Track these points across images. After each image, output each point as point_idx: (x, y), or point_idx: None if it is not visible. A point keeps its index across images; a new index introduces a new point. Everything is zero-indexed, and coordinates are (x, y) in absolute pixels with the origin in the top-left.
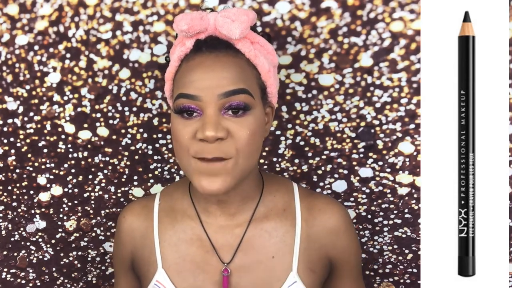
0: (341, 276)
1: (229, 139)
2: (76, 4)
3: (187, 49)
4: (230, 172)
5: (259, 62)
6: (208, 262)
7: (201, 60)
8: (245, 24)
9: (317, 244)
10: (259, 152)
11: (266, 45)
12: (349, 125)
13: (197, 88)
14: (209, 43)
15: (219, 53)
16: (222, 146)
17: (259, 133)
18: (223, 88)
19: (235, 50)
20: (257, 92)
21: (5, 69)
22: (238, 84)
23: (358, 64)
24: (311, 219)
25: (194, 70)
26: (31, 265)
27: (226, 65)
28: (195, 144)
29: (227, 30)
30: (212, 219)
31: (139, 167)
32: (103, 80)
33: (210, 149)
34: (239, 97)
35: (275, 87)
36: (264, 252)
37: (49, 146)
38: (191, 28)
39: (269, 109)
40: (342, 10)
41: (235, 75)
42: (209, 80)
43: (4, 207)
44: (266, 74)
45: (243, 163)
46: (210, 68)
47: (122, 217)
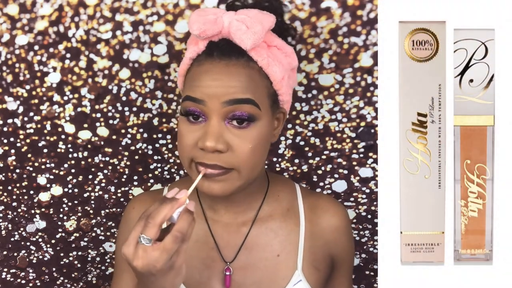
0: (339, 275)
1: (229, 153)
2: (76, 4)
3: (199, 50)
4: (231, 180)
5: (271, 71)
6: (213, 259)
7: (211, 67)
8: (258, 34)
9: (321, 242)
10: (264, 159)
11: (285, 48)
12: (349, 125)
13: (203, 93)
14: (221, 47)
15: (229, 62)
16: (221, 157)
17: (263, 144)
18: (229, 96)
19: (248, 58)
20: (265, 103)
21: (5, 69)
22: (244, 93)
23: (358, 64)
24: (315, 218)
25: (203, 76)
26: (31, 265)
27: (235, 74)
28: (196, 151)
29: (239, 39)
30: (217, 216)
31: (139, 167)
32: (103, 80)
33: (210, 157)
34: (244, 107)
35: (288, 94)
36: (269, 250)
37: (49, 146)
38: (203, 33)
39: (281, 114)
40: (342, 10)
41: (242, 84)
42: (216, 88)
43: (4, 207)
44: (278, 82)
45: (246, 174)
46: (218, 76)
47: (131, 208)
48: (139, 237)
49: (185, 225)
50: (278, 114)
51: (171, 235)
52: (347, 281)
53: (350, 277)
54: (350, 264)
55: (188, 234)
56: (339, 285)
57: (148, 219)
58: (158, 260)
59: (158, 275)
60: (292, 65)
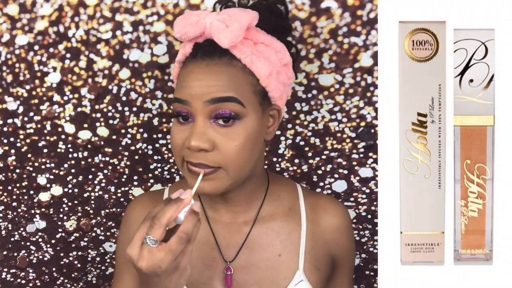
0: (339, 274)
1: (214, 151)
2: (76, 4)
3: (186, 53)
4: (220, 179)
5: (255, 68)
6: (214, 259)
7: (193, 68)
8: (235, 32)
9: (322, 242)
10: (255, 158)
11: (273, 44)
12: (349, 125)
13: (187, 94)
14: (205, 49)
15: (210, 61)
16: (207, 156)
17: (252, 141)
18: (210, 95)
19: (230, 57)
20: (251, 100)
21: (5, 69)
22: (226, 92)
23: (358, 64)
24: (316, 217)
25: (187, 77)
26: (31, 265)
27: (216, 74)
28: (185, 150)
29: (217, 38)
30: (218, 216)
31: (139, 167)
32: (103, 80)
33: (196, 156)
34: (226, 105)
35: (280, 90)
36: (271, 250)
37: (49, 146)
38: (184, 35)
39: (275, 111)
40: (342, 10)
41: (224, 83)
42: (198, 88)
43: (4, 207)
44: (265, 79)
45: (235, 173)
46: (200, 76)
47: (132, 209)
48: (144, 238)
49: (190, 226)
50: (272, 111)
51: (176, 236)
52: (347, 281)
53: (350, 277)
54: (351, 264)
55: (194, 235)
56: (340, 285)
57: (153, 220)
58: (163, 261)
59: (162, 275)
60: (283, 60)
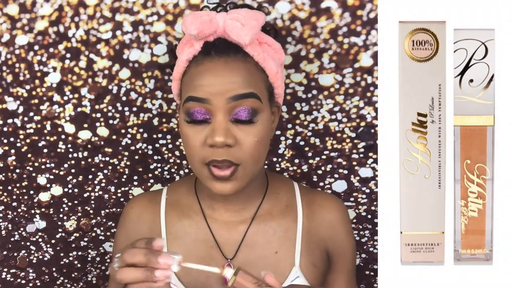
0: (335, 270)
1: (236, 147)
2: (76, 4)
3: (195, 51)
4: (239, 178)
5: (267, 65)
6: (212, 258)
7: (211, 65)
8: (255, 29)
9: (317, 238)
10: (265, 154)
11: (274, 44)
12: (349, 125)
13: (206, 92)
14: (218, 46)
15: (228, 58)
16: (230, 151)
17: (267, 137)
18: (232, 92)
19: (244, 54)
20: (265, 95)
21: (5, 69)
22: (247, 88)
23: (358, 64)
24: (311, 214)
25: (204, 75)
26: (31, 265)
27: (235, 70)
28: (205, 150)
29: (236, 35)
30: (216, 215)
31: (139, 167)
32: (103, 80)
33: (220, 152)
34: (247, 101)
35: (282, 88)
36: (268, 247)
37: (49, 146)
38: (201, 33)
39: (276, 108)
40: (342, 10)
41: (244, 79)
42: (219, 85)
43: (4, 207)
44: (274, 76)
45: (252, 168)
46: (220, 73)
47: (130, 208)
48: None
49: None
50: (274, 108)
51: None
52: (344, 277)
53: (349, 274)
54: (348, 260)
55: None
56: (335, 281)
57: (124, 254)
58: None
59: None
60: (281, 60)
